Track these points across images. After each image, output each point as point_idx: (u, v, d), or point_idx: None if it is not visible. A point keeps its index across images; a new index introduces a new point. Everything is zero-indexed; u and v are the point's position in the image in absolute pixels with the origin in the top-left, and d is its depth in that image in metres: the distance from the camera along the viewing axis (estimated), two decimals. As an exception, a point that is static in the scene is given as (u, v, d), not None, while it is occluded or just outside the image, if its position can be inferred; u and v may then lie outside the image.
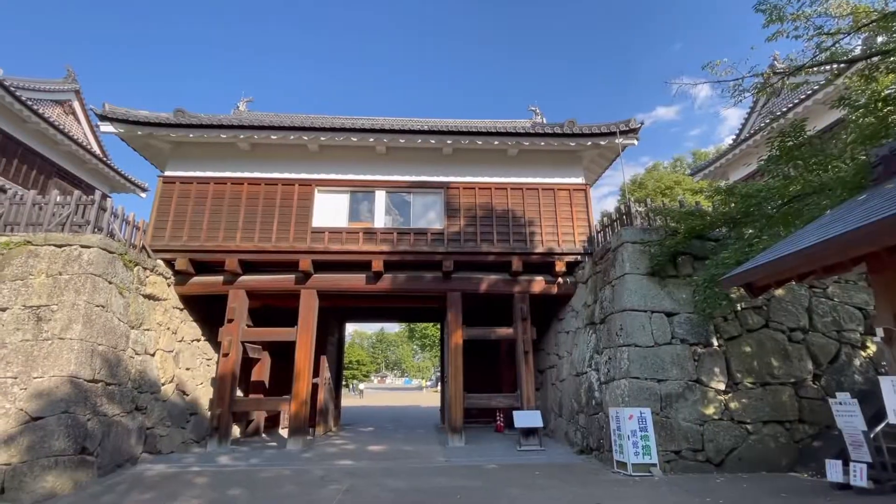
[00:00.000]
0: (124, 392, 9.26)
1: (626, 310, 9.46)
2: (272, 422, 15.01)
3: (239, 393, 12.72)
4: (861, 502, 6.25)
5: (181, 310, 12.17)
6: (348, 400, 34.76)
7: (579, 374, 11.21)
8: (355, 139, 12.40)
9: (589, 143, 12.69)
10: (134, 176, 20.03)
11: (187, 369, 11.92)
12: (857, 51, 8.50)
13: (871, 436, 6.85)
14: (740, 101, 8.45)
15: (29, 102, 14.61)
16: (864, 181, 6.09)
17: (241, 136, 12.23)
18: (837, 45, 7.82)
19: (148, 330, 10.55)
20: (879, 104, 7.27)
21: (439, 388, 22.47)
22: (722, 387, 8.95)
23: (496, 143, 12.62)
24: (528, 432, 11.14)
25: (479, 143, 12.59)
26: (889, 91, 7.39)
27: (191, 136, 12.11)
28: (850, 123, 8.34)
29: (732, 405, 8.81)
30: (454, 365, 12.01)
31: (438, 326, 21.62)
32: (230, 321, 11.78)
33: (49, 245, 9.22)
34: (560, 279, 12.62)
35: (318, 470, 8.93)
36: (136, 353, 9.94)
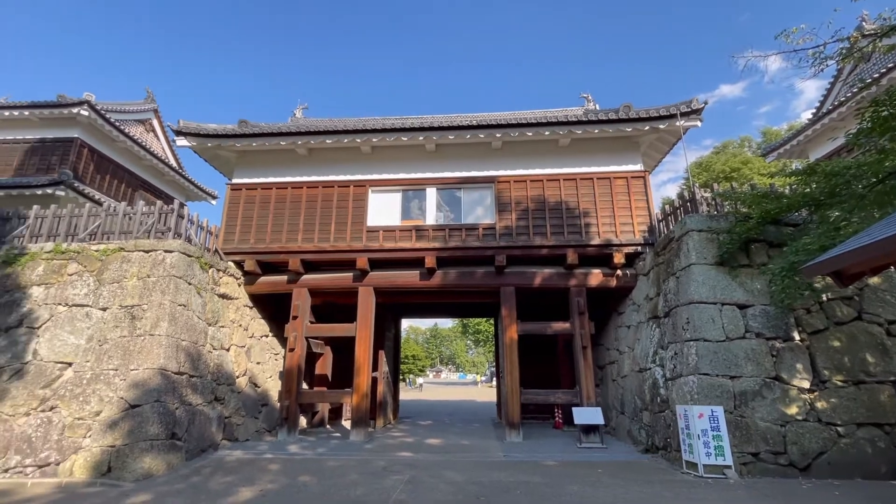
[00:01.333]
0: (205, 383, 10.10)
1: (692, 302, 8.91)
2: (335, 414, 15.74)
3: (304, 386, 13.44)
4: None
5: (251, 308, 13.05)
6: (405, 393, 35.65)
7: (642, 369, 10.74)
8: (405, 138, 12.62)
9: (647, 127, 12.05)
10: (205, 185, 21.72)
11: (258, 363, 12.78)
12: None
13: None
14: (821, 70, 7.64)
15: (117, 123, 16.27)
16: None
17: (299, 142, 12.86)
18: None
19: (223, 327, 11.41)
20: None
21: (494, 383, 22.42)
22: (806, 385, 8.20)
23: (547, 133, 12.33)
24: (589, 429, 10.85)
25: (529, 134, 12.36)
26: None
27: (254, 144, 12.91)
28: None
29: (819, 405, 8.05)
30: (510, 360, 11.93)
31: (492, 321, 21.57)
32: (294, 318, 12.47)
33: (138, 251, 10.23)
34: (619, 271, 12.12)
35: (381, 461, 9.25)
36: (214, 348, 10.80)
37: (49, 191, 14.00)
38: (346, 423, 14.93)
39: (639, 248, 11.78)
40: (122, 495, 6.96)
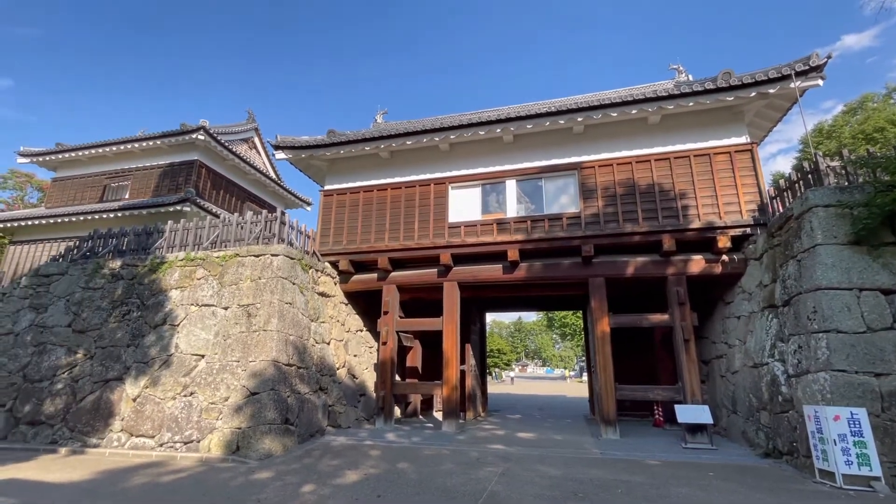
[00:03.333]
0: (310, 374, 11.07)
1: (820, 288, 7.77)
2: (427, 405, 16.32)
3: (397, 377, 14.12)
4: None
5: (346, 304, 14.00)
6: (492, 387, 35.80)
7: (757, 365, 9.62)
8: (482, 132, 12.60)
9: (753, 93, 10.70)
10: (301, 192, 23.72)
11: (354, 356, 13.68)
12: None
13: None
14: None
15: (227, 144, 18.39)
16: None
17: (382, 146, 13.46)
18: None
19: (323, 322, 12.39)
20: None
21: (585, 377, 21.57)
22: (983, 385, 6.74)
23: (633, 111, 11.51)
24: (695, 429, 9.99)
25: (614, 114, 11.64)
26: None
27: (341, 152, 13.78)
28: None
29: None
30: (602, 354, 11.40)
31: (579, 314, 20.77)
32: (385, 313, 13.13)
33: (250, 256, 11.48)
34: (724, 257, 10.97)
35: (474, 452, 9.41)
36: (316, 342, 11.77)
37: (178, 207, 16.26)
38: (438, 415, 15.40)
39: (748, 229, 10.54)
40: (250, 471, 7.90)
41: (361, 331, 14.48)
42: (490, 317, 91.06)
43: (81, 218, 17.33)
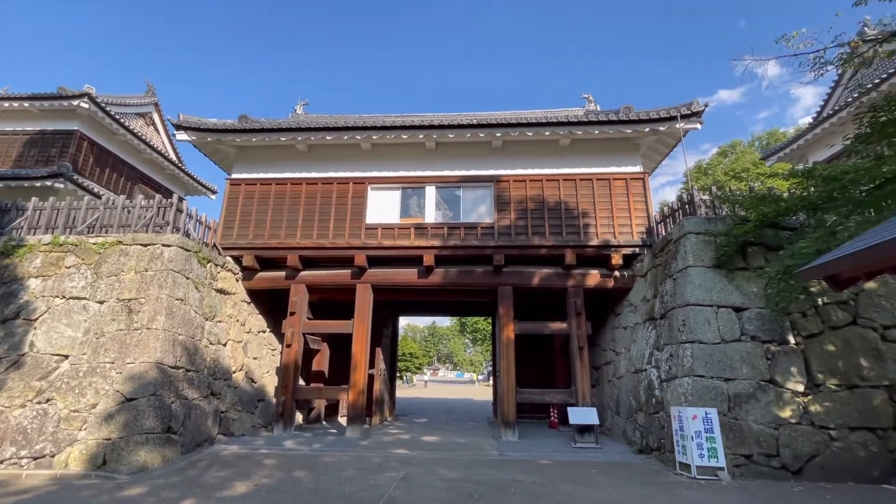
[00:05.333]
0: (201, 378, 10.12)
1: (689, 304, 8.95)
2: (331, 410, 15.77)
3: (301, 382, 13.47)
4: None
5: (248, 303, 13.06)
6: (402, 391, 35.71)
7: (638, 371, 10.77)
8: (406, 136, 12.62)
9: (647, 129, 12.07)
10: (205, 179, 21.70)
11: (255, 358, 12.79)
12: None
13: None
14: (821, 75, 7.67)
15: (117, 116, 16.24)
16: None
17: (299, 138, 12.85)
18: (943, 3, 6.87)
19: (220, 322, 11.43)
20: None
21: (491, 381, 22.45)
22: (800, 388, 8.24)
23: (547, 133, 12.34)
24: (584, 429, 10.89)
25: (530, 134, 12.37)
26: None
27: (253, 139, 12.90)
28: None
29: (813, 408, 8.09)
30: (506, 359, 11.96)
31: (490, 320, 21.62)
32: (292, 314, 12.48)
33: (136, 244, 10.23)
34: (616, 272, 12.15)
35: (376, 457, 9.28)
36: (211, 343, 10.81)
37: (48, 183, 13.98)
38: (343, 420, 14.95)
39: (637, 249, 11.81)
40: (117, 487, 6.98)
41: (264, 332, 13.59)
42: (405, 321, 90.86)
43: None
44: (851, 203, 7.57)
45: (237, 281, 12.67)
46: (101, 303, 9.65)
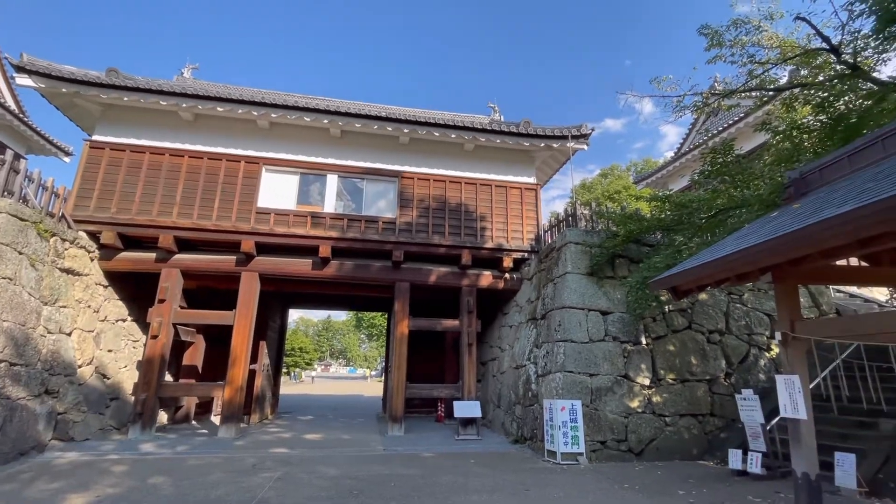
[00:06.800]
0: (32, 374, 8.47)
1: (565, 307, 9.90)
2: (204, 409, 14.33)
3: (168, 378, 12.03)
4: (753, 487, 6.98)
5: (105, 287, 11.27)
6: (290, 388, 33.85)
7: (519, 366, 11.62)
8: (308, 119, 11.97)
9: (542, 144, 13.06)
10: (56, 138, 18.17)
11: (109, 351, 11.09)
12: (784, 81, 9.34)
13: (768, 428, 7.67)
14: (681, 117, 9.07)
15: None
16: (778, 199, 6.74)
17: (184, 105, 11.42)
18: (766, 73, 8.57)
19: (64, 307, 9.69)
20: (795, 131, 8.05)
21: (384, 377, 22.40)
22: (647, 382, 9.63)
23: (453, 136, 12.67)
24: (467, 422, 11.42)
25: (437, 134, 12.59)
26: (804, 120, 8.19)
27: (125, 99, 11.15)
28: (770, 147, 9.18)
29: (655, 399, 9.51)
30: (399, 354, 12.03)
31: (386, 316, 21.53)
32: (161, 301, 11.07)
33: (-53, 207, 8.19)
34: (507, 275, 12.95)
35: (251, 458, 8.67)
36: (49, 332, 9.11)
37: None
38: (216, 419, 13.67)
39: (526, 254, 12.72)
40: None
41: (124, 321, 11.85)
42: (298, 314, 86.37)
43: None
44: (693, 227, 9.07)
45: (92, 260, 10.86)
46: None
